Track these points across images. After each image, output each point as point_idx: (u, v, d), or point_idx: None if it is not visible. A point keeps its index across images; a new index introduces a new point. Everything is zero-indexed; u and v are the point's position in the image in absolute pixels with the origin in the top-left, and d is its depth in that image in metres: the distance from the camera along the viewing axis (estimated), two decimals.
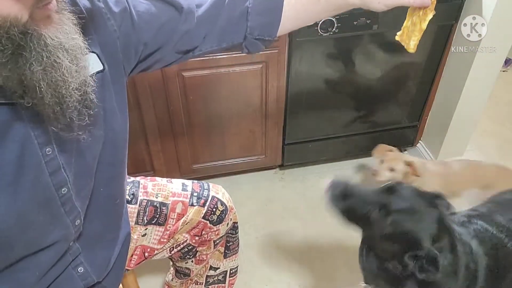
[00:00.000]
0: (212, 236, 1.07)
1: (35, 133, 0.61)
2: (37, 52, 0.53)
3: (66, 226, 0.73)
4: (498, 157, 2.09)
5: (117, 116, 0.77)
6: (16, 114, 0.58)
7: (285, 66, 1.56)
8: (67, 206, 0.71)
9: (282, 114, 1.72)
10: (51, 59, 0.55)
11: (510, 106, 2.45)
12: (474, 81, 1.64)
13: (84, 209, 0.77)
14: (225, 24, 0.82)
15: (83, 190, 0.75)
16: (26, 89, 0.55)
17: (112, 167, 0.82)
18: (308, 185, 1.94)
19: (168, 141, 1.63)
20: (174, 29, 0.78)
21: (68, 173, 0.68)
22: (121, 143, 0.81)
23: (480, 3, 1.48)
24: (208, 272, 1.18)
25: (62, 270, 0.78)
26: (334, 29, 1.45)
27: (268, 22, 0.84)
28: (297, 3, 0.84)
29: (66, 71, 0.57)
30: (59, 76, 0.56)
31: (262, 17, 0.83)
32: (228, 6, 0.81)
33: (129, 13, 0.74)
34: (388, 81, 1.77)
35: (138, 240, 1.02)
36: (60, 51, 0.56)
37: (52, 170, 0.65)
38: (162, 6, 0.78)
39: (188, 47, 0.83)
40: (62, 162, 0.66)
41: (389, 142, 2.00)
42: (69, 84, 0.58)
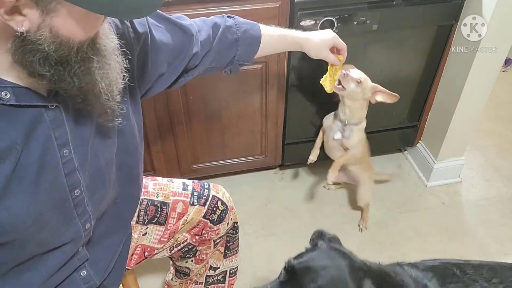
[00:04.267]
0: (212, 235, 1.07)
1: (55, 135, 0.64)
2: (101, 59, 0.62)
3: (77, 229, 0.75)
4: (498, 157, 2.09)
5: (132, 124, 0.82)
6: (40, 116, 0.62)
7: (285, 66, 1.56)
8: (79, 208, 0.74)
9: (282, 114, 1.72)
10: (108, 63, 0.63)
11: (510, 106, 2.46)
12: (474, 81, 1.63)
13: (96, 214, 0.79)
14: (219, 49, 0.98)
15: (96, 195, 0.77)
16: (90, 93, 0.62)
17: (124, 172, 0.85)
18: (308, 185, 1.94)
19: (168, 141, 1.63)
20: (183, 52, 0.90)
21: (82, 175, 0.71)
22: (133, 148, 0.85)
23: (480, 3, 1.48)
24: (208, 272, 1.18)
25: (68, 274, 0.79)
26: (334, 29, 1.45)
27: (250, 51, 1.05)
28: (269, 40, 1.07)
29: (115, 71, 0.65)
30: (111, 75, 0.65)
31: (247, 47, 1.03)
32: (221, 35, 0.97)
33: (148, 35, 0.82)
34: (388, 81, 1.77)
35: (138, 239, 1.02)
36: (110, 54, 0.64)
37: (68, 172, 0.68)
38: (175, 30, 0.89)
39: (190, 67, 0.96)
40: (77, 164, 0.69)
41: (389, 142, 2.01)
42: (117, 80, 0.66)
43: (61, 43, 0.55)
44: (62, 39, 0.55)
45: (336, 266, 0.80)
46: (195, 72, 0.97)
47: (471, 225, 1.78)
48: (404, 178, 1.98)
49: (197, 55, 0.93)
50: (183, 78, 0.97)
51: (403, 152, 2.12)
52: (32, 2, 0.49)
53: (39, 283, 0.74)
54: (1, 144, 0.58)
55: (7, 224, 0.62)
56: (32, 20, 0.51)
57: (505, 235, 1.72)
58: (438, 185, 1.93)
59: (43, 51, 0.54)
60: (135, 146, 0.85)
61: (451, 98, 1.74)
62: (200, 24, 0.95)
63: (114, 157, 0.79)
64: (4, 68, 0.57)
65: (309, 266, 0.80)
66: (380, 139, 1.98)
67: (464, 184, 1.96)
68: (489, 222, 1.78)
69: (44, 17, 0.51)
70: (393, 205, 1.84)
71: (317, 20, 1.42)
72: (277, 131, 1.76)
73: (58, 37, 0.54)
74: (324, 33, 1.14)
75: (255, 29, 1.03)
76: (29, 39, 0.53)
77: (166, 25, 0.88)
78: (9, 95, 0.57)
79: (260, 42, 1.04)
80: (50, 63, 0.56)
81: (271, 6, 1.37)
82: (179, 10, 1.31)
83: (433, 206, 1.85)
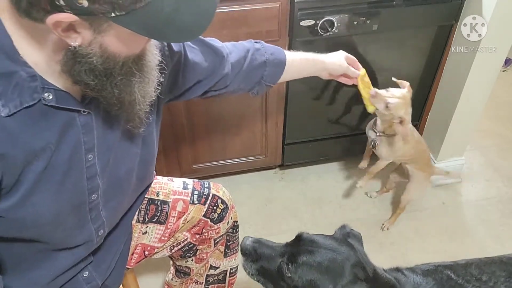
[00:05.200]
0: (213, 234, 1.07)
1: (84, 139, 0.68)
2: (142, 74, 0.66)
3: (89, 233, 0.78)
4: (498, 157, 2.09)
5: (154, 133, 0.87)
6: (73, 120, 0.65)
7: None
8: (93, 213, 0.76)
9: (282, 114, 1.72)
10: (148, 77, 0.67)
11: (510, 106, 2.46)
12: (474, 81, 1.64)
13: (111, 221, 0.82)
14: (248, 70, 1.02)
15: (111, 202, 0.80)
16: (126, 102, 0.66)
17: (140, 180, 0.88)
18: (308, 185, 1.94)
19: (168, 141, 1.63)
20: (214, 72, 0.95)
21: (101, 180, 0.74)
22: (151, 158, 0.89)
23: (480, 3, 1.48)
24: (208, 271, 1.18)
25: (72, 275, 0.81)
26: (334, 29, 1.45)
27: (276, 72, 1.08)
28: (293, 62, 1.11)
29: (152, 85, 0.69)
30: (148, 88, 0.69)
31: (274, 68, 1.07)
32: (252, 56, 1.02)
33: (182, 55, 0.87)
34: (388, 81, 1.77)
35: (138, 238, 1.02)
36: (152, 69, 0.68)
37: (90, 176, 0.72)
38: (207, 52, 0.94)
39: (221, 87, 1.00)
40: (99, 169, 0.73)
41: None
42: (152, 93, 0.70)
43: (108, 58, 0.59)
44: (109, 54, 0.59)
45: (340, 253, 0.82)
46: (223, 90, 1.02)
47: (471, 225, 1.78)
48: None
49: (227, 76, 0.98)
50: (211, 93, 1.01)
51: None
52: (86, 23, 0.53)
53: (46, 282, 0.76)
54: (39, 142, 0.62)
55: (30, 220, 0.66)
56: (84, 37, 0.55)
57: (505, 235, 1.72)
58: (438, 185, 1.93)
59: (91, 64, 0.59)
60: (154, 155, 0.90)
61: (451, 98, 1.74)
62: (230, 47, 1.00)
63: (135, 166, 0.83)
64: (52, 75, 0.61)
65: (315, 240, 0.84)
66: None
67: (464, 184, 1.96)
68: (489, 222, 1.78)
69: (96, 35, 0.55)
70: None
71: (317, 20, 1.42)
72: (277, 131, 1.76)
73: (106, 53, 0.58)
74: (335, 54, 1.18)
75: (280, 51, 1.08)
76: (80, 53, 0.57)
77: (199, 46, 0.93)
78: (51, 97, 0.61)
79: (286, 64, 1.08)
80: (95, 74, 0.60)
81: (271, 6, 1.37)
82: None
83: (433, 206, 1.85)
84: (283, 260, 0.84)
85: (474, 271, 0.94)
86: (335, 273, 0.79)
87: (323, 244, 0.83)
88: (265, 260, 0.88)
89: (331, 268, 0.79)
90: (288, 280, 0.82)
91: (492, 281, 0.91)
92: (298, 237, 0.87)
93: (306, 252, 0.82)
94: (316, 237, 0.86)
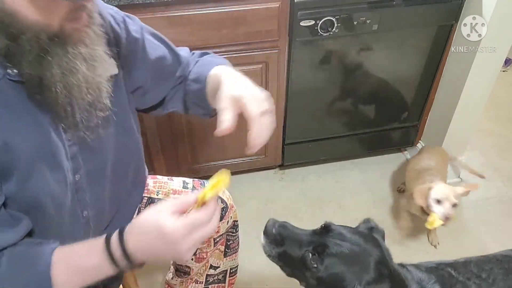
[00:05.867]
0: (212, 233, 1.07)
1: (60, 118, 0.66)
2: (59, 58, 0.60)
3: (76, 215, 0.76)
4: (498, 157, 2.09)
5: (130, 116, 0.83)
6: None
7: (285, 66, 1.56)
8: (79, 194, 0.75)
9: (282, 114, 1.72)
10: (70, 65, 0.61)
11: (510, 106, 2.46)
12: (474, 81, 1.64)
13: (95, 204, 0.79)
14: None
15: (95, 186, 0.78)
16: (44, 87, 0.61)
17: (125, 167, 0.86)
18: (308, 185, 1.94)
19: (168, 142, 1.63)
20: (171, 74, 0.89)
21: (82, 160, 0.73)
22: (133, 142, 0.86)
23: (480, 3, 1.49)
24: (208, 271, 1.18)
25: None
26: (334, 29, 1.45)
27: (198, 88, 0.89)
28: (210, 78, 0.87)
29: (82, 77, 0.63)
30: (75, 80, 0.62)
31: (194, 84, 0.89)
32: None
33: (139, 44, 0.82)
34: (388, 81, 1.78)
35: None
36: (80, 59, 0.62)
37: (72, 155, 0.70)
38: (168, 51, 0.88)
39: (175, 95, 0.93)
40: (78, 148, 0.71)
41: (389, 142, 2.01)
42: (83, 88, 0.64)
43: (10, 15, 0.54)
44: (12, 11, 0.54)
45: (366, 249, 0.81)
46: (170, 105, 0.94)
47: (471, 225, 1.78)
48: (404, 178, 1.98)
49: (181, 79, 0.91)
50: (159, 110, 0.95)
51: (403, 152, 2.12)
52: None
53: None
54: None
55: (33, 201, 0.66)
56: None
57: (505, 235, 1.72)
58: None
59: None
60: (136, 142, 0.87)
61: (451, 98, 1.74)
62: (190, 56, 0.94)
63: (117, 150, 0.80)
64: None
65: (343, 233, 0.83)
66: (380, 139, 1.98)
67: (464, 184, 1.95)
68: (489, 222, 1.78)
69: None
70: (393, 205, 1.84)
71: (317, 20, 1.42)
72: (277, 131, 1.76)
73: (6, 5, 0.54)
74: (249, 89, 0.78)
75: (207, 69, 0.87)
76: None
77: (163, 44, 0.89)
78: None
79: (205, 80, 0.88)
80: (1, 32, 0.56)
81: (271, 6, 1.37)
82: (179, 10, 1.31)
83: None
84: (308, 250, 0.83)
85: (473, 269, 0.95)
86: (361, 268, 0.78)
87: (351, 238, 0.82)
88: (290, 246, 0.86)
89: (357, 263, 0.79)
90: (312, 269, 0.81)
91: (491, 278, 0.93)
92: (326, 227, 0.86)
93: (334, 244, 0.81)
94: (344, 230, 0.85)
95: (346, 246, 0.80)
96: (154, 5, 1.29)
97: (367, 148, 2.01)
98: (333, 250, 0.80)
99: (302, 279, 0.87)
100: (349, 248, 0.80)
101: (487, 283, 0.92)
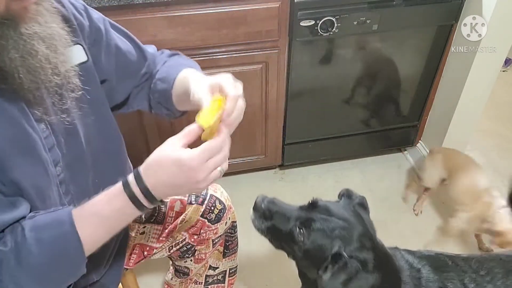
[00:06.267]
0: (211, 235, 1.07)
1: (30, 110, 0.64)
2: (14, 41, 0.57)
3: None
4: (498, 157, 2.09)
5: (106, 104, 0.82)
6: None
7: (285, 66, 1.56)
8: (63, 187, 0.73)
9: (282, 114, 1.72)
10: (28, 47, 0.58)
11: (510, 106, 2.45)
12: (474, 81, 1.63)
13: (80, 195, 0.76)
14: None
15: (78, 176, 0.76)
16: (6, 75, 0.58)
17: (108, 157, 0.84)
18: (308, 185, 1.94)
19: None
20: (135, 69, 0.88)
21: (60, 152, 0.71)
22: (113, 131, 0.85)
23: (480, 3, 1.48)
24: (208, 271, 1.18)
25: None
26: (334, 29, 1.45)
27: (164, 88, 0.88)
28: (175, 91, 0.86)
29: (44, 58, 0.60)
30: (36, 62, 0.59)
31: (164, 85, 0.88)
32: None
33: (104, 34, 0.80)
34: (388, 81, 1.78)
35: (136, 238, 1.02)
36: (36, 39, 0.59)
37: (50, 147, 0.68)
38: (133, 46, 0.87)
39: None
40: (55, 141, 0.69)
41: (389, 142, 2.01)
42: (47, 70, 0.61)
43: None
44: None
45: (351, 223, 0.85)
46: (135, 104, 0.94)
47: None
48: (404, 178, 1.98)
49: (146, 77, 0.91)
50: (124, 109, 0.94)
51: (403, 152, 2.12)
52: None
53: None
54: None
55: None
56: None
57: None
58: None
59: None
60: (115, 129, 0.86)
61: (451, 98, 1.74)
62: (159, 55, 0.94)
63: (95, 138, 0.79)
64: None
65: (329, 208, 0.88)
66: (380, 139, 1.98)
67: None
68: None
69: None
70: (393, 205, 1.84)
71: (317, 20, 1.42)
72: (277, 131, 1.76)
73: None
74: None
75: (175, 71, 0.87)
76: None
77: (127, 39, 0.88)
78: None
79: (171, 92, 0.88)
80: None
81: (271, 6, 1.37)
82: (179, 10, 1.31)
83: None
84: (296, 224, 0.87)
85: (473, 265, 0.95)
86: (345, 239, 0.82)
87: (337, 213, 0.86)
88: (278, 221, 0.90)
89: (342, 235, 0.83)
90: (299, 243, 0.85)
91: (490, 276, 0.93)
92: (313, 203, 0.90)
93: (320, 219, 0.85)
94: (330, 205, 0.89)
95: (332, 221, 0.84)
96: (154, 5, 1.29)
97: (367, 148, 2.01)
98: (320, 225, 0.84)
99: (289, 252, 0.91)
100: (335, 223, 0.84)
101: (483, 280, 0.92)
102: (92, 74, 0.77)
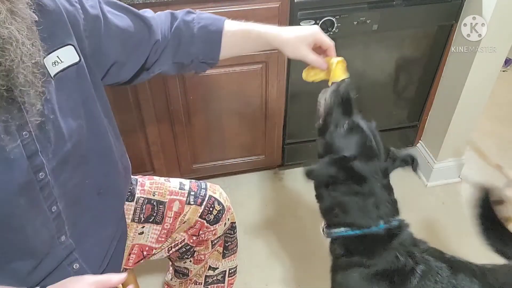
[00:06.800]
0: (210, 236, 1.07)
1: (10, 116, 0.62)
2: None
3: (43, 212, 0.73)
4: (498, 157, 2.09)
5: (96, 103, 0.80)
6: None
7: (285, 66, 1.56)
8: (45, 191, 0.71)
9: (282, 114, 1.72)
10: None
11: (510, 106, 2.45)
12: (474, 81, 1.63)
13: (65, 197, 0.76)
14: (175, 44, 0.93)
15: (62, 177, 0.75)
16: None
17: (97, 157, 0.82)
18: (308, 185, 1.93)
19: (168, 141, 1.63)
20: (142, 41, 0.88)
21: (45, 157, 0.69)
22: (103, 131, 0.83)
23: (480, 3, 1.48)
24: (207, 272, 1.18)
25: (56, 264, 0.78)
26: (334, 29, 1.45)
27: (210, 49, 0.95)
28: (231, 37, 0.94)
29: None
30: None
31: (205, 44, 0.94)
32: (175, 30, 0.92)
33: (101, 18, 0.80)
34: (388, 81, 1.77)
35: (134, 238, 1.02)
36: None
37: (30, 154, 0.67)
38: (134, 19, 0.87)
39: (151, 61, 0.92)
40: (39, 146, 0.68)
41: (389, 142, 2.01)
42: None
43: None
44: None
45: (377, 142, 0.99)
46: (156, 68, 0.94)
47: (471, 225, 1.77)
48: (404, 178, 1.98)
49: (157, 45, 0.90)
50: (145, 75, 0.94)
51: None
52: None
53: (28, 271, 0.73)
54: None
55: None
56: None
57: None
58: (438, 185, 1.93)
59: None
60: (105, 131, 0.84)
61: (451, 98, 1.74)
62: (162, 17, 0.94)
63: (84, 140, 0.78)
64: None
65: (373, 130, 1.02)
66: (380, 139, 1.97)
67: (464, 184, 1.96)
68: None
69: None
70: None
71: (317, 20, 1.42)
72: (277, 131, 1.76)
73: None
74: (302, 28, 0.94)
75: (216, 24, 0.92)
76: None
77: (125, 13, 0.86)
78: None
79: (221, 39, 0.93)
80: None
81: (271, 6, 1.37)
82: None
83: (433, 206, 1.85)
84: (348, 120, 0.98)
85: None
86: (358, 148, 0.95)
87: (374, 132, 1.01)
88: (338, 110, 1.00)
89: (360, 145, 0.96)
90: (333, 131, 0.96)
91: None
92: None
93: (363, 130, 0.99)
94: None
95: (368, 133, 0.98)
96: (154, 5, 1.29)
97: None
98: (359, 130, 0.96)
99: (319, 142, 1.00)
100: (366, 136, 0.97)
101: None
102: (83, 74, 0.76)
